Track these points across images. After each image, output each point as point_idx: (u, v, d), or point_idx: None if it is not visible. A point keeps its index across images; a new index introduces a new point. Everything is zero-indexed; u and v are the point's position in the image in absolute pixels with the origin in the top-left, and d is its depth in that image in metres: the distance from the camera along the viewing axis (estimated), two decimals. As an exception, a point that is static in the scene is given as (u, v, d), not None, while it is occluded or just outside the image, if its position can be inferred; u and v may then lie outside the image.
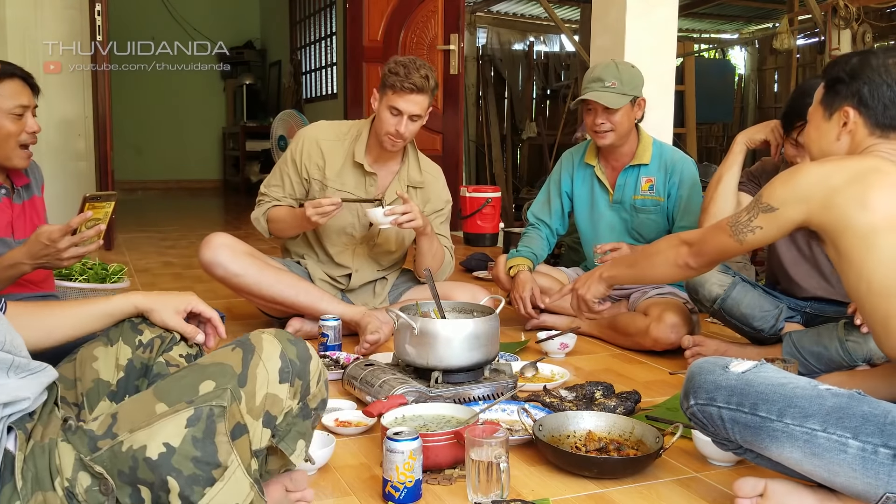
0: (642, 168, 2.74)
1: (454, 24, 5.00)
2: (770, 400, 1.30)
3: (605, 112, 2.63)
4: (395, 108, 2.49)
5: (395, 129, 2.49)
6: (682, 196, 2.72)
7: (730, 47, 10.41)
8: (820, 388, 1.31)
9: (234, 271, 2.46)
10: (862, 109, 1.53)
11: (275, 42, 9.80)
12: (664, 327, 2.47)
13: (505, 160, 8.59)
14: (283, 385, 1.15)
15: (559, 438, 1.69)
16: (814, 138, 1.63)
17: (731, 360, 1.42)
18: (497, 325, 1.96)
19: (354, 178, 2.64)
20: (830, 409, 1.26)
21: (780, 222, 1.51)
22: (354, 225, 2.67)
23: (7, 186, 2.01)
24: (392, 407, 1.70)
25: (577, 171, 2.87)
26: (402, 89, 2.46)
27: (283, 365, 1.16)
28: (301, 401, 1.19)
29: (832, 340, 2.11)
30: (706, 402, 1.38)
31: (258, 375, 1.13)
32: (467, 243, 5.08)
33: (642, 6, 4.04)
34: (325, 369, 1.25)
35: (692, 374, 1.43)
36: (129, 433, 1.06)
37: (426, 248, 2.60)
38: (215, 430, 1.07)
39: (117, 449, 1.05)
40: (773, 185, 1.53)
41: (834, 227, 1.44)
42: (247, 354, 1.14)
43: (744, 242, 1.58)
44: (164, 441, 1.05)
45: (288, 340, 1.20)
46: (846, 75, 1.54)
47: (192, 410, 1.07)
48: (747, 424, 1.33)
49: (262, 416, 1.13)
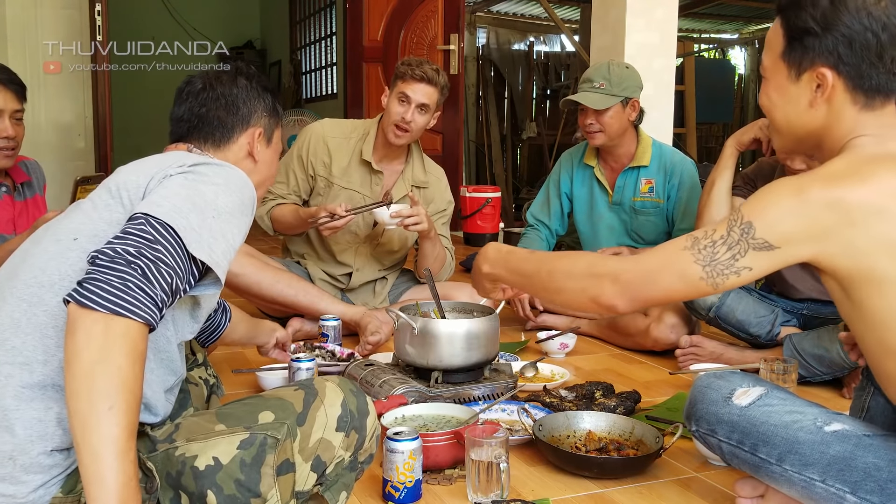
0: (642, 170, 2.74)
1: (454, 24, 5.00)
2: (771, 443, 1.24)
3: (594, 113, 2.64)
4: (404, 95, 2.53)
5: (402, 117, 2.52)
6: (681, 198, 2.72)
7: (730, 47, 10.41)
8: (826, 431, 1.22)
9: (234, 271, 2.45)
10: (842, 69, 1.18)
11: (275, 42, 9.80)
12: (664, 328, 2.47)
13: (505, 160, 8.59)
14: (339, 434, 1.16)
15: (559, 438, 1.69)
16: (777, 104, 1.27)
17: (736, 388, 1.33)
18: (497, 325, 1.96)
19: (360, 176, 2.66)
20: (832, 458, 1.19)
21: (776, 262, 1.17)
22: (359, 224, 2.68)
23: (8, 185, 2.02)
24: (392, 407, 1.70)
25: (577, 171, 2.88)
26: (411, 77, 2.53)
27: (343, 414, 1.18)
28: (353, 454, 1.20)
29: (833, 343, 2.11)
30: (707, 433, 1.35)
31: (317, 418, 1.15)
32: (467, 243, 5.08)
33: (642, 6, 4.04)
34: (380, 425, 1.27)
35: (694, 398, 1.38)
36: (186, 442, 1.09)
37: (429, 251, 2.61)
38: (264, 460, 1.08)
39: (171, 452, 1.09)
40: (766, 210, 1.16)
41: (850, 276, 1.14)
42: (309, 396, 1.16)
43: (720, 287, 1.19)
44: (215, 455, 1.07)
45: (350, 391, 1.21)
46: (817, 25, 1.18)
47: (248, 434, 1.09)
48: (746, 461, 1.29)
49: (312, 460, 1.14)
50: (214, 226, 1.08)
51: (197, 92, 1.37)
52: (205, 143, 1.36)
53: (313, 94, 8.77)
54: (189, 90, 1.39)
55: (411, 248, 2.83)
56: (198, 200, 1.08)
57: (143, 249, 0.98)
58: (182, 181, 1.11)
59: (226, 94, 1.37)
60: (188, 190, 1.09)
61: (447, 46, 5.00)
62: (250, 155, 1.39)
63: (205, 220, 1.06)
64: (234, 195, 1.14)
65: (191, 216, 1.05)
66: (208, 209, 1.08)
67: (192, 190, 1.09)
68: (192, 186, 1.10)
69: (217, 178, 1.14)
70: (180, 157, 1.18)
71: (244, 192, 1.17)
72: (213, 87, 1.37)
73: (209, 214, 1.08)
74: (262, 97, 1.41)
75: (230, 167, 1.20)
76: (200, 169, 1.14)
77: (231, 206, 1.12)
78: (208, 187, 1.11)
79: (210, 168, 1.16)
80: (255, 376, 2.12)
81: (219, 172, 1.15)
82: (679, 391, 2.12)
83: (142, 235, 0.99)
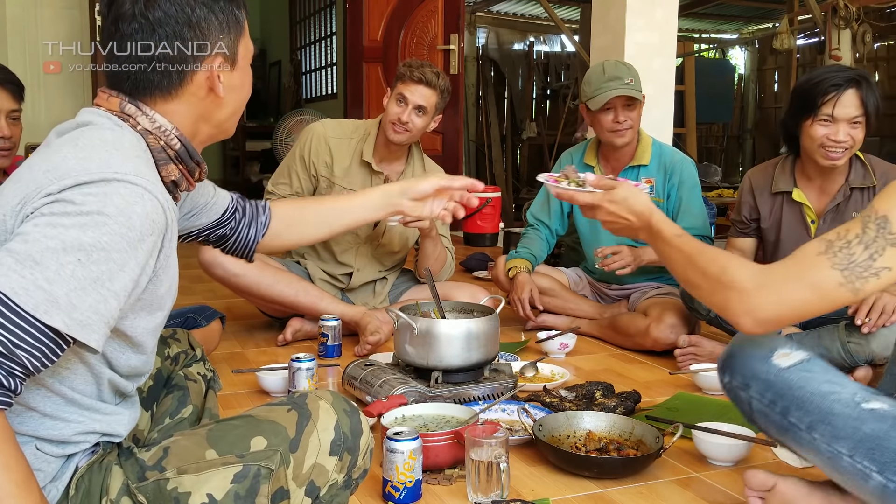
0: (642, 169, 2.74)
1: (454, 25, 5.00)
2: (805, 409, 1.20)
3: (625, 109, 2.61)
4: (402, 96, 2.54)
5: (399, 118, 2.53)
6: (681, 197, 2.71)
7: (730, 47, 10.42)
8: (863, 407, 1.17)
9: (234, 271, 2.46)
10: None
11: (275, 42, 9.80)
12: (664, 328, 2.47)
13: (505, 160, 8.59)
14: (333, 458, 1.14)
15: (559, 438, 1.69)
16: None
17: (778, 348, 1.27)
18: (497, 325, 1.96)
19: (361, 176, 2.66)
20: (865, 436, 1.15)
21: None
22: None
23: (4, 185, 2.03)
24: (392, 407, 1.70)
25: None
26: (409, 79, 2.54)
27: (337, 437, 1.15)
28: (347, 474, 1.18)
29: (833, 342, 2.11)
30: (740, 387, 1.29)
31: (310, 444, 1.12)
32: (467, 243, 5.08)
33: (642, 6, 4.04)
34: (373, 440, 1.23)
35: (732, 351, 1.32)
36: (177, 474, 1.06)
37: (430, 250, 2.61)
38: (258, 491, 1.06)
39: (163, 485, 1.05)
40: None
41: None
42: (302, 419, 1.13)
43: (860, 293, 1.13)
44: (209, 492, 1.05)
45: (344, 411, 1.17)
46: None
47: (241, 467, 1.06)
48: (774, 423, 1.25)
49: (306, 485, 1.12)
50: (79, 273, 0.90)
51: (127, 19, 1.07)
52: (148, 98, 1.11)
53: (313, 94, 8.78)
54: (119, 13, 1.07)
55: (412, 248, 2.83)
56: (54, 245, 0.90)
57: None
58: (40, 221, 0.92)
59: (165, 21, 1.06)
60: (43, 232, 0.91)
61: (447, 46, 5.00)
62: (212, 92, 1.13)
63: (61, 270, 0.89)
64: (109, 225, 0.93)
65: (35, 272, 0.88)
66: (69, 254, 0.90)
67: (49, 232, 0.91)
68: (51, 226, 0.91)
69: (89, 206, 0.93)
70: (55, 169, 0.97)
71: (130, 216, 0.95)
72: (143, 14, 1.06)
73: (69, 260, 0.90)
74: (211, 7, 1.10)
75: (113, 183, 0.96)
76: (70, 195, 0.93)
77: (105, 241, 0.92)
78: (72, 221, 0.92)
79: (82, 192, 0.94)
80: (255, 376, 2.12)
81: (92, 199, 0.94)
82: (679, 391, 2.12)
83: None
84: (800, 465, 1.63)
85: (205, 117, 1.15)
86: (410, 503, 1.43)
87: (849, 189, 2.24)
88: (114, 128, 1.08)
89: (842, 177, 2.25)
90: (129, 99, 1.10)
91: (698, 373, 2.17)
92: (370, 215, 1.61)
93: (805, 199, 2.28)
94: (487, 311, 2.01)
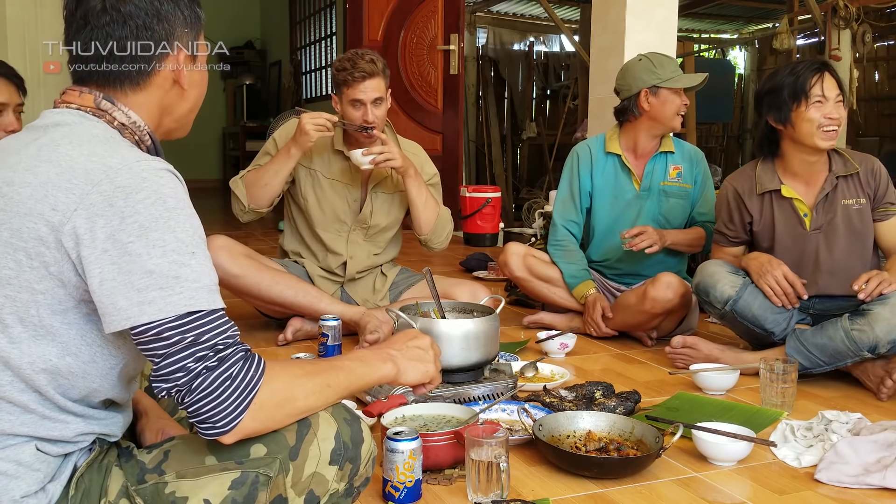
0: (670, 156, 2.81)
1: (454, 25, 5.00)
2: None
3: (687, 94, 2.75)
4: (356, 100, 2.53)
5: (364, 119, 2.53)
6: (701, 186, 2.83)
7: (730, 47, 10.41)
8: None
9: (233, 273, 2.45)
10: None
11: (275, 42, 9.81)
12: (660, 285, 2.52)
13: (505, 160, 8.59)
14: (333, 467, 1.13)
15: (559, 438, 1.69)
16: None
17: None
18: (497, 325, 1.96)
19: (339, 164, 2.66)
20: None
21: None
22: (346, 211, 2.68)
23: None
24: (392, 407, 1.69)
25: (598, 162, 2.84)
26: (354, 80, 2.51)
27: (337, 447, 1.14)
28: (349, 482, 1.17)
29: (836, 331, 2.11)
30: None
31: (310, 453, 1.11)
32: (467, 243, 5.08)
33: (642, 6, 4.04)
34: (375, 448, 1.22)
35: None
36: (176, 478, 1.06)
37: (415, 194, 2.61)
38: (256, 498, 1.06)
39: (161, 488, 1.05)
40: None
41: None
42: (302, 428, 1.12)
43: None
44: (206, 498, 1.04)
45: (344, 420, 1.16)
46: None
47: (239, 473, 1.06)
48: None
49: (306, 494, 1.12)
50: (200, 259, 1.03)
51: (97, 13, 1.08)
52: (119, 91, 1.11)
53: (313, 94, 8.78)
54: (89, 7, 1.08)
55: (405, 245, 2.82)
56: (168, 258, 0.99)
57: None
58: (133, 248, 0.97)
59: (136, 14, 1.08)
60: (148, 252, 0.98)
61: (447, 46, 5.00)
62: (177, 84, 1.15)
63: (191, 267, 1.01)
64: (180, 211, 1.02)
65: (181, 283, 0.99)
66: (182, 254, 1.00)
67: (153, 252, 0.98)
68: (150, 245, 0.98)
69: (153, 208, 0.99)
70: (88, 176, 0.99)
71: (177, 192, 1.03)
72: (115, 7, 1.07)
73: (185, 260, 1.01)
74: (177, 2, 1.12)
75: (146, 172, 1.01)
76: (125, 204, 0.97)
77: (190, 224, 1.03)
78: (158, 228, 0.99)
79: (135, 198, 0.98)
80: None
81: (144, 194, 0.99)
82: (679, 391, 2.12)
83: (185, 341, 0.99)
84: (799, 465, 1.63)
85: (168, 110, 1.16)
86: (410, 503, 1.43)
87: (835, 178, 2.27)
88: (95, 124, 1.09)
89: (825, 168, 2.30)
90: (103, 94, 1.11)
91: (698, 373, 2.17)
92: None
93: (795, 193, 2.30)
94: (487, 311, 2.01)
